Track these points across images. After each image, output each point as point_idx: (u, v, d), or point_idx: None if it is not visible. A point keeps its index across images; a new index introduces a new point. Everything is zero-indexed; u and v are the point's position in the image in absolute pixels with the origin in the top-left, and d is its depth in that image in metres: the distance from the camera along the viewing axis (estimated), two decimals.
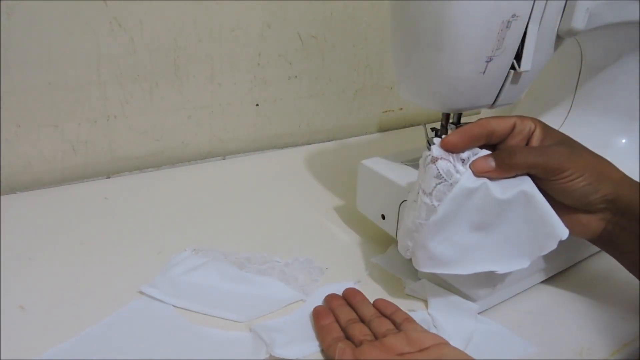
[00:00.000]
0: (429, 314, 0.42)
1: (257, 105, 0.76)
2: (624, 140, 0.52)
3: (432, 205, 0.36)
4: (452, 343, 0.38)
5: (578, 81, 0.53)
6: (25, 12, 0.56)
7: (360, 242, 0.53)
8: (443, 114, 0.47)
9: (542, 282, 0.47)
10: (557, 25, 0.40)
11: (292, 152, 0.78)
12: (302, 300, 0.43)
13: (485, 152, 0.37)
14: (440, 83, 0.40)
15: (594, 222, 0.38)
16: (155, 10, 0.62)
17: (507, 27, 0.37)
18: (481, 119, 0.38)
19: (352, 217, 0.57)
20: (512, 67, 0.40)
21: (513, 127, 0.38)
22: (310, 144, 0.82)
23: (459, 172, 0.36)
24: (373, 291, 0.44)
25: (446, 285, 0.43)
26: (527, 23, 0.38)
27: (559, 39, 0.41)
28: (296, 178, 0.68)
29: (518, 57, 0.40)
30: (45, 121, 0.62)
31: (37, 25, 0.57)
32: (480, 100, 0.43)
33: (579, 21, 0.39)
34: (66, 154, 0.65)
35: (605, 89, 0.51)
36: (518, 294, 0.45)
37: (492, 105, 0.44)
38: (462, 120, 0.47)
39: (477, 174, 0.36)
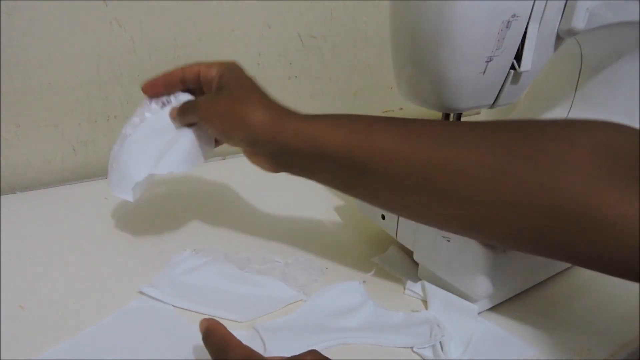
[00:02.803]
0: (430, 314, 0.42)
1: None
2: None
3: (125, 134, 0.47)
4: (452, 343, 0.39)
5: (578, 81, 0.53)
6: (25, 12, 0.56)
7: (360, 242, 0.53)
8: (443, 114, 0.47)
9: (542, 282, 0.47)
10: (557, 25, 0.40)
11: None
12: (302, 300, 0.43)
13: (186, 97, 0.46)
14: (440, 83, 0.40)
15: (264, 160, 0.41)
16: (155, 10, 0.62)
17: (507, 27, 0.37)
18: (184, 65, 0.45)
19: (352, 217, 0.57)
20: (512, 67, 0.40)
21: (198, 74, 0.43)
22: None
23: (150, 111, 0.46)
24: (373, 291, 0.44)
25: (446, 285, 0.43)
26: (527, 23, 0.38)
27: (559, 39, 0.41)
28: (296, 178, 0.68)
29: (518, 57, 0.40)
30: (45, 121, 0.62)
31: (37, 25, 0.57)
32: (480, 100, 0.43)
33: (579, 21, 0.39)
34: (66, 154, 0.65)
35: (605, 89, 0.51)
36: (518, 294, 0.45)
37: (492, 105, 0.44)
38: (462, 120, 0.47)
39: (171, 117, 0.45)
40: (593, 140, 0.30)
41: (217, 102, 0.41)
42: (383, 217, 0.48)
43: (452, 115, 0.47)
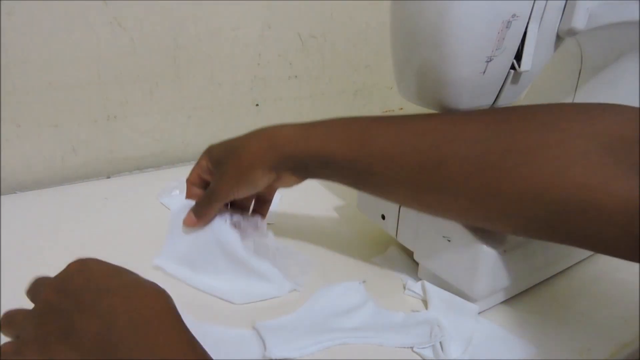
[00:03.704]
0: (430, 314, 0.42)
1: (257, 105, 0.76)
2: None
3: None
4: (452, 343, 0.38)
5: (578, 81, 0.53)
6: (25, 12, 0.56)
7: (360, 242, 0.53)
8: None
9: (542, 282, 0.47)
10: (557, 25, 0.40)
11: None
12: (296, 290, 0.44)
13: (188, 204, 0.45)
14: (440, 83, 0.40)
15: (289, 178, 0.41)
16: (155, 10, 0.62)
17: (507, 27, 0.37)
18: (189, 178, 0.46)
19: (352, 217, 0.57)
20: (512, 67, 0.40)
21: (200, 177, 0.45)
22: None
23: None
24: (373, 291, 0.44)
25: (446, 285, 0.43)
26: (527, 23, 0.38)
27: (559, 39, 0.41)
28: None
29: (518, 57, 0.40)
30: (45, 121, 0.62)
31: (37, 25, 0.57)
32: (480, 100, 0.43)
33: (579, 21, 0.39)
34: (66, 154, 0.65)
35: (605, 89, 0.51)
36: (518, 294, 0.45)
37: (492, 105, 0.44)
38: None
39: (189, 226, 0.44)
40: (592, 128, 0.30)
41: (227, 168, 0.41)
42: (383, 217, 0.48)
43: None
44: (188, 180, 0.46)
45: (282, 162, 0.39)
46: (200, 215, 0.43)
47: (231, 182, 0.41)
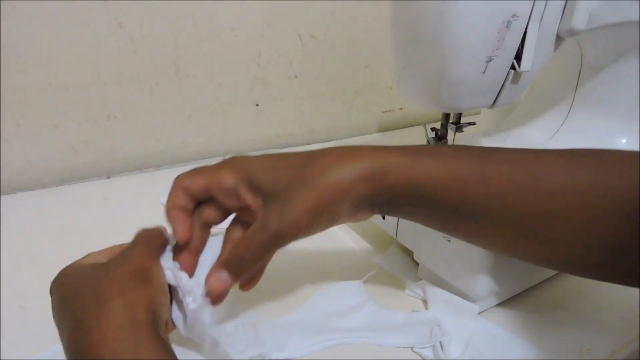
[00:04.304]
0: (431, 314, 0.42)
1: (257, 105, 0.76)
2: (624, 140, 0.52)
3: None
4: (452, 343, 0.38)
5: (578, 81, 0.53)
6: (25, 12, 0.56)
7: (360, 242, 0.53)
8: (443, 114, 0.47)
9: (542, 282, 0.47)
10: (557, 25, 0.40)
11: None
12: None
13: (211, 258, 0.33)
14: (440, 83, 0.40)
15: (362, 216, 0.33)
16: (155, 10, 0.62)
17: (507, 27, 0.37)
18: (177, 181, 0.34)
19: None
20: (512, 67, 0.40)
21: (206, 188, 0.33)
22: (310, 144, 0.82)
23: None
24: (373, 291, 0.44)
25: (446, 285, 0.43)
26: (527, 23, 0.38)
27: (559, 39, 0.41)
28: None
29: (518, 57, 0.40)
30: (45, 121, 0.62)
31: (37, 25, 0.57)
32: (480, 100, 0.43)
33: (579, 21, 0.39)
34: (66, 154, 0.65)
35: (605, 89, 0.51)
36: (518, 294, 0.45)
37: (492, 105, 0.44)
38: (462, 120, 0.47)
39: (218, 295, 0.32)
40: None
41: (300, 198, 0.30)
42: (383, 217, 0.48)
43: (452, 115, 0.47)
44: (179, 208, 0.33)
45: (378, 195, 0.31)
46: (245, 269, 0.31)
47: (308, 217, 0.30)
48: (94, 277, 0.30)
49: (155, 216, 0.57)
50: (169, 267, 0.32)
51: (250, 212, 0.33)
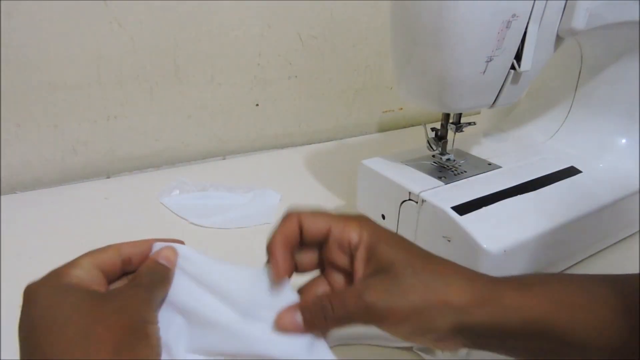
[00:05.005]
0: None
1: (257, 105, 0.76)
2: (624, 140, 0.52)
3: None
4: None
5: (578, 81, 0.53)
6: (25, 12, 0.56)
7: None
8: (443, 114, 0.47)
9: None
10: (557, 25, 0.40)
11: (292, 152, 0.78)
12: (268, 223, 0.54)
13: (291, 297, 0.28)
14: (440, 83, 0.40)
15: (450, 345, 0.29)
16: (155, 10, 0.62)
17: (507, 27, 0.37)
18: (294, 214, 0.30)
19: None
20: (512, 67, 0.40)
21: (329, 232, 0.30)
22: (310, 144, 0.82)
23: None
24: None
25: None
26: (527, 23, 0.38)
27: (559, 39, 0.41)
28: (296, 178, 0.68)
29: (518, 57, 0.40)
30: (45, 121, 0.62)
31: (37, 25, 0.57)
32: (480, 100, 0.43)
33: (579, 21, 0.39)
34: (66, 154, 0.65)
35: (605, 89, 0.51)
36: None
37: (492, 105, 0.44)
38: (462, 120, 0.47)
39: (282, 330, 0.27)
40: None
41: (408, 290, 0.27)
42: (383, 217, 0.48)
43: (452, 115, 0.47)
44: (286, 243, 0.29)
45: (474, 325, 0.28)
46: (318, 325, 0.28)
47: (411, 306, 0.27)
48: (85, 314, 0.25)
49: (155, 216, 0.57)
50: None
51: (346, 276, 0.30)
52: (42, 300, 0.26)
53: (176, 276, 0.28)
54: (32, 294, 0.27)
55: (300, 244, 0.30)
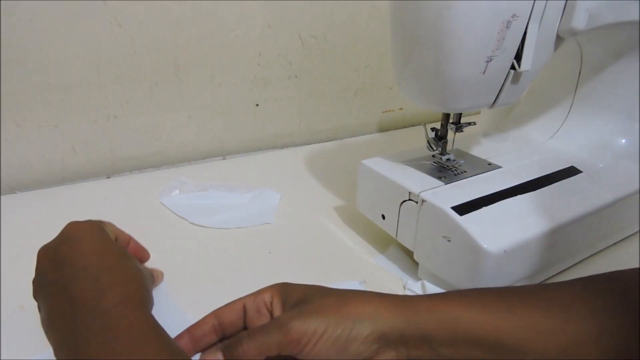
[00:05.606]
0: None
1: (257, 105, 0.76)
2: (624, 140, 0.52)
3: None
4: None
5: (578, 81, 0.53)
6: (25, 12, 0.56)
7: (360, 242, 0.53)
8: (443, 114, 0.47)
9: (543, 282, 0.47)
10: (557, 25, 0.40)
11: (292, 152, 0.78)
12: (268, 223, 0.54)
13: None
14: (440, 83, 0.40)
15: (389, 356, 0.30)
16: (155, 10, 0.62)
17: (507, 27, 0.37)
18: (214, 311, 0.33)
19: (352, 217, 0.57)
20: (512, 67, 0.40)
21: (244, 310, 0.32)
22: (310, 144, 0.82)
23: None
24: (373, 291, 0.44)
25: (446, 285, 0.43)
26: (527, 23, 0.38)
27: (559, 39, 0.41)
28: (296, 178, 0.68)
29: (518, 57, 0.40)
30: (45, 121, 0.62)
31: (37, 25, 0.57)
32: (480, 100, 0.43)
33: (579, 21, 0.39)
34: (66, 154, 0.65)
35: (605, 89, 0.51)
36: None
37: (492, 105, 0.44)
38: (462, 120, 0.47)
39: None
40: None
41: (317, 309, 0.30)
42: (383, 217, 0.48)
43: (452, 115, 0.47)
44: (210, 317, 0.32)
45: (397, 332, 0.29)
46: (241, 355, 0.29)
47: (326, 320, 0.29)
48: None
49: (155, 216, 0.57)
50: None
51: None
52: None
53: None
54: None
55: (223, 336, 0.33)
